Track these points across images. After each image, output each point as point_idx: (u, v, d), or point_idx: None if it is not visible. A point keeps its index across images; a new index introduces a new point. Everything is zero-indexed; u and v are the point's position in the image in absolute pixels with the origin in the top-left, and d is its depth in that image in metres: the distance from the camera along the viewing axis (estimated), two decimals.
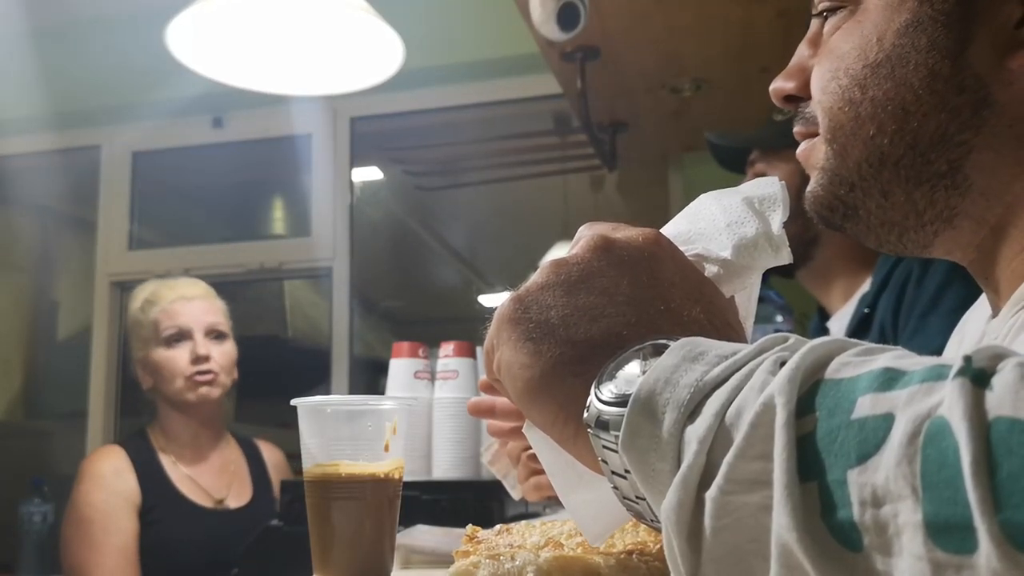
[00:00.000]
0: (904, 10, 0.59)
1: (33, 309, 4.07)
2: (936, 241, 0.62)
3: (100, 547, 1.94)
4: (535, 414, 0.49)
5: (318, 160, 3.22)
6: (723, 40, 2.13)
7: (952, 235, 0.61)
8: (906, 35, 0.59)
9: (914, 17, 0.59)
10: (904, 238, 0.63)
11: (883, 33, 0.60)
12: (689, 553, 0.36)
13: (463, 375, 1.57)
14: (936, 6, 0.58)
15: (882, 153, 0.60)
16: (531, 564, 0.57)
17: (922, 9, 0.58)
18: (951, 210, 0.60)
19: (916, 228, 0.62)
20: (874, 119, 0.60)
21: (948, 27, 0.58)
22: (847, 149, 0.61)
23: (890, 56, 0.59)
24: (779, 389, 0.35)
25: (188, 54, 1.73)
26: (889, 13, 0.60)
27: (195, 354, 2.04)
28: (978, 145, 0.58)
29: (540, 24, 1.83)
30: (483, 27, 3.01)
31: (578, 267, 0.50)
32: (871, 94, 0.60)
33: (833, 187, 0.63)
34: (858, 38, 0.61)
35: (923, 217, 0.61)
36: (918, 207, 0.61)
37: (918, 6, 0.59)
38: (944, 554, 0.30)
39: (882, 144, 0.60)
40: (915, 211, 0.61)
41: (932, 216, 0.61)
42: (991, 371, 0.31)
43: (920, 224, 0.61)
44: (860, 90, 0.60)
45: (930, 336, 1.34)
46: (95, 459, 2.07)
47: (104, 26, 3.27)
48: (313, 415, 0.75)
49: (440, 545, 0.90)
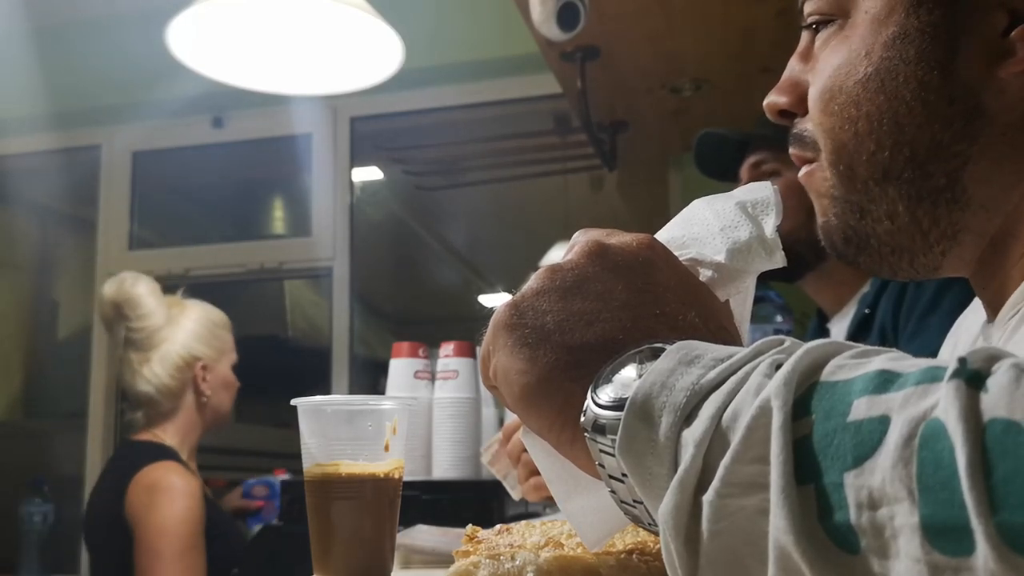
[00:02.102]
0: (891, 23, 0.59)
1: (33, 309, 4.07)
2: (944, 261, 0.63)
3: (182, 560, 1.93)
4: (532, 419, 0.49)
5: (318, 160, 3.22)
6: (723, 40, 2.13)
7: (958, 252, 0.62)
8: (893, 47, 0.59)
9: (901, 30, 0.59)
10: (915, 263, 0.63)
11: (871, 47, 0.60)
12: (686, 556, 0.36)
13: (463, 375, 1.57)
14: (922, 18, 0.58)
15: (885, 168, 0.60)
16: (531, 564, 0.57)
17: (908, 21, 0.58)
18: (954, 226, 0.60)
19: (924, 251, 0.62)
20: (872, 135, 0.60)
21: (935, 38, 0.58)
22: (853, 169, 0.61)
23: (879, 69, 0.59)
24: (775, 392, 0.35)
25: (188, 54, 1.74)
26: (876, 26, 0.60)
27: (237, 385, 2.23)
28: (974, 156, 0.58)
29: (540, 24, 1.84)
30: (483, 27, 3.01)
31: (573, 272, 0.50)
32: (865, 110, 0.60)
33: (846, 216, 0.63)
34: (847, 53, 0.61)
35: (928, 238, 0.61)
36: (922, 227, 0.61)
37: (904, 18, 0.59)
38: (941, 556, 0.30)
39: (884, 159, 0.60)
40: (920, 232, 0.61)
41: (937, 235, 0.61)
42: (986, 373, 0.31)
43: (927, 245, 0.62)
44: (855, 107, 0.60)
45: (931, 337, 1.34)
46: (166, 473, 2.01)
47: (104, 26, 3.28)
48: (313, 415, 0.75)
49: (440, 545, 0.90)
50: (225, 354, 2.18)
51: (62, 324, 3.96)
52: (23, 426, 3.81)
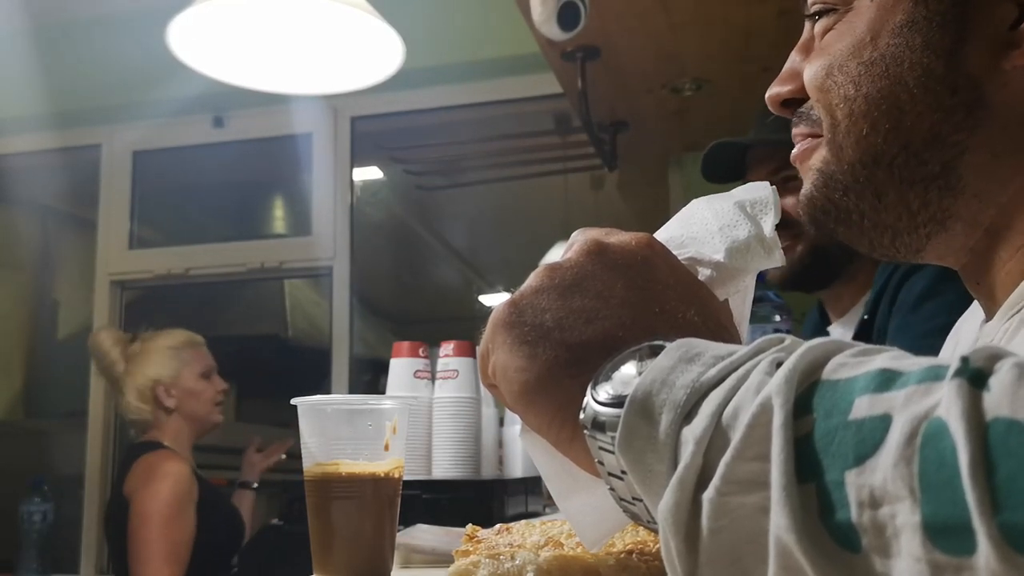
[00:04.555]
0: (898, 10, 0.59)
1: (33, 308, 4.07)
2: (929, 245, 0.62)
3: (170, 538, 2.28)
4: (531, 417, 0.49)
5: (319, 159, 3.22)
6: (723, 40, 2.13)
7: (945, 238, 0.61)
8: (900, 35, 0.59)
9: (908, 17, 0.58)
10: (897, 241, 0.62)
11: (877, 32, 0.59)
12: (686, 554, 0.36)
13: (463, 374, 1.57)
14: (931, 6, 0.58)
15: (876, 152, 0.60)
16: (531, 563, 0.57)
17: (916, 10, 0.58)
18: (944, 212, 0.60)
19: (909, 231, 0.61)
20: (867, 116, 0.59)
21: (943, 27, 0.58)
22: (843, 149, 0.61)
23: (884, 55, 0.59)
24: (776, 390, 0.35)
25: (189, 53, 1.74)
26: (883, 13, 0.59)
27: (218, 388, 2.56)
28: (972, 146, 0.58)
29: (541, 24, 1.83)
30: (483, 27, 3.01)
31: (572, 271, 0.50)
32: (865, 91, 0.59)
33: (827, 190, 0.63)
34: (851, 37, 0.60)
35: (916, 219, 0.61)
36: (911, 208, 0.60)
37: (913, 7, 0.58)
38: (943, 555, 0.29)
39: (876, 143, 0.59)
40: (908, 212, 0.60)
41: (925, 218, 0.60)
42: (988, 372, 0.31)
43: (913, 226, 0.61)
44: (854, 87, 0.60)
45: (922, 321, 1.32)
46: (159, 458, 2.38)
47: (105, 25, 3.28)
48: (313, 414, 0.75)
49: (440, 544, 0.89)
50: (187, 367, 2.51)
51: (62, 324, 3.96)
52: (23, 426, 3.81)
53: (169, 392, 2.47)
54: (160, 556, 2.24)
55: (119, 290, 3.39)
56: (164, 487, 2.29)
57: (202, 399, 2.51)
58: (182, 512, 2.30)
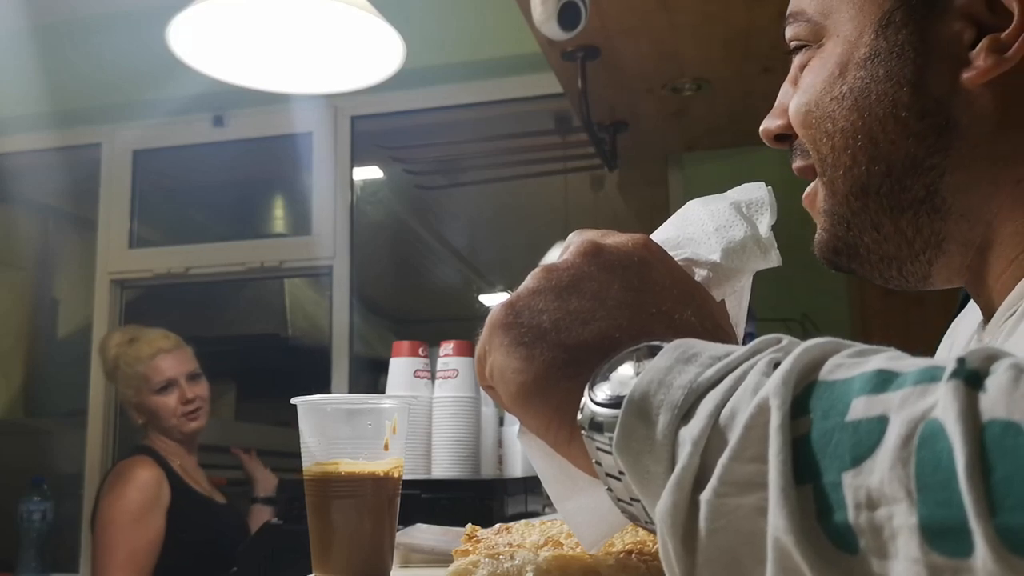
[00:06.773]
0: (861, 44, 0.61)
1: (33, 307, 4.07)
2: (933, 270, 0.63)
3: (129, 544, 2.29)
4: (529, 419, 0.49)
5: (319, 159, 3.22)
6: (723, 40, 2.13)
7: (945, 261, 0.63)
8: (865, 67, 0.61)
9: (871, 50, 0.61)
10: (904, 271, 0.64)
11: (845, 67, 0.62)
12: (684, 555, 0.36)
13: (463, 374, 1.57)
14: (890, 38, 0.60)
15: (863, 183, 0.62)
16: (530, 563, 0.57)
17: (878, 42, 0.60)
18: (937, 235, 0.61)
19: (911, 259, 0.63)
20: (847, 150, 0.62)
21: (903, 56, 0.59)
22: (834, 183, 0.63)
23: (852, 89, 0.61)
24: (773, 391, 0.35)
25: (189, 52, 1.74)
26: (849, 48, 0.62)
27: (184, 398, 2.49)
28: (949, 167, 0.60)
29: (541, 23, 1.83)
30: (483, 26, 3.01)
31: (568, 272, 0.50)
32: (840, 126, 0.62)
33: (834, 228, 0.65)
34: (824, 72, 0.63)
35: (914, 246, 0.62)
36: (907, 236, 0.62)
37: (874, 39, 0.60)
38: (940, 557, 0.30)
39: (860, 174, 0.62)
40: (905, 240, 0.62)
41: (922, 244, 0.62)
42: (985, 373, 0.31)
43: (913, 254, 0.63)
44: (831, 122, 0.62)
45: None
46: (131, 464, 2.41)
47: (105, 24, 3.28)
48: (313, 413, 0.75)
49: (439, 544, 0.89)
50: (145, 383, 2.48)
51: (62, 323, 3.96)
52: (23, 424, 3.81)
53: (138, 409, 2.51)
54: (117, 562, 2.25)
55: (119, 289, 3.39)
56: (126, 493, 2.32)
57: (163, 415, 2.48)
58: (143, 518, 2.31)
